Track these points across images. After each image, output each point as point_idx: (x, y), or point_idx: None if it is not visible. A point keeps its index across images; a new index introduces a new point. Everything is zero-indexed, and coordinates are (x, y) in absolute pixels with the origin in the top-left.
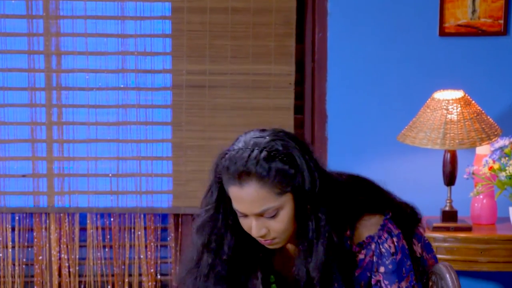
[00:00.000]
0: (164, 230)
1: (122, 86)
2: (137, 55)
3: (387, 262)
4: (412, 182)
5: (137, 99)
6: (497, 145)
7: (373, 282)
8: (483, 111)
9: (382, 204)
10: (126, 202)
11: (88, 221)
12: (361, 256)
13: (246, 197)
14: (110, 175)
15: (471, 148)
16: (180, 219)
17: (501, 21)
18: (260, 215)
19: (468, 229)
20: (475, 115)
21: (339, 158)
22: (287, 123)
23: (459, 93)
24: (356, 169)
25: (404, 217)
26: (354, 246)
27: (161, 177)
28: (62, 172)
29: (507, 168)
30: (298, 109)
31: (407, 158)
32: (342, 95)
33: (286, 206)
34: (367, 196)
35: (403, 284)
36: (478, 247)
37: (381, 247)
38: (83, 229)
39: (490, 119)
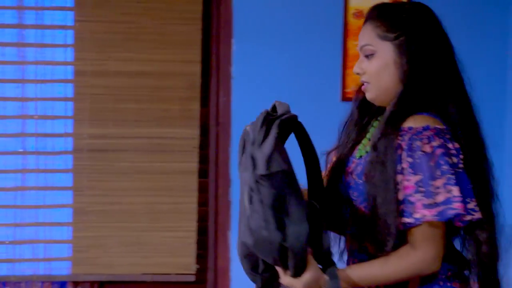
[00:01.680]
0: None
1: (21, 150)
2: (37, 118)
3: (415, 156)
4: None
5: (36, 164)
6: None
7: (400, 168)
8: None
9: (454, 125)
10: (23, 270)
11: None
12: (398, 141)
13: (361, 33)
14: (7, 242)
15: None
16: (79, 287)
17: None
18: (362, 54)
19: None
20: None
21: None
22: (191, 187)
23: None
24: None
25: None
26: (398, 129)
27: (60, 244)
28: None
29: None
30: (203, 172)
31: None
32: None
33: (382, 52)
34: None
35: (436, 182)
36: None
37: (413, 142)
38: None
39: None
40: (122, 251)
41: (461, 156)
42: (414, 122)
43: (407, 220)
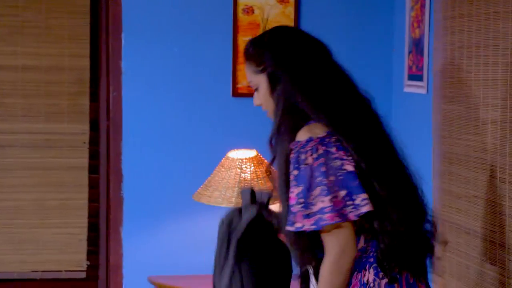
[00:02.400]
0: None
1: None
2: None
3: (300, 168)
4: (210, 241)
5: None
6: None
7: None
8: (275, 170)
9: (337, 125)
10: None
11: None
12: (290, 155)
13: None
14: None
15: None
16: None
17: None
18: (253, 88)
19: None
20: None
21: (135, 217)
22: (81, 182)
23: (252, 152)
24: (151, 229)
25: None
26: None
27: None
28: None
29: None
30: (93, 168)
31: (203, 217)
32: (138, 154)
33: (261, 84)
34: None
35: (311, 192)
36: None
37: (300, 155)
38: None
39: None
40: (10, 248)
41: (350, 157)
42: (300, 136)
43: (290, 228)
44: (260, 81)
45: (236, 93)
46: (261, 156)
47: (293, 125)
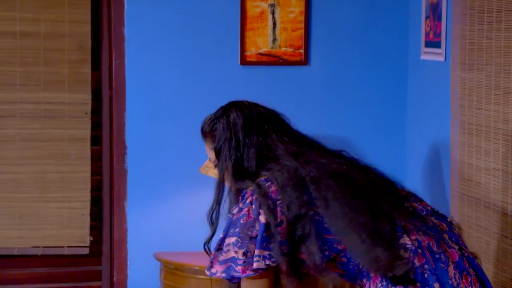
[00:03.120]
0: None
1: None
2: None
3: (229, 217)
4: None
5: None
6: None
7: None
8: None
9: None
10: None
11: None
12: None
13: None
14: None
15: None
16: None
17: (302, 51)
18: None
19: None
20: None
21: (139, 191)
22: (84, 155)
23: None
24: (156, 203)
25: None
26: None
27: None
28: None
29: None
30: (96, 139)
31: (210, 192)
32: (143, 125)
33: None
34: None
35: (227, 240)
36: None
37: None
38: None
39: None
40: (9, 223)
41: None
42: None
43: (207, 272)
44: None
45: (244, 61)
46: None
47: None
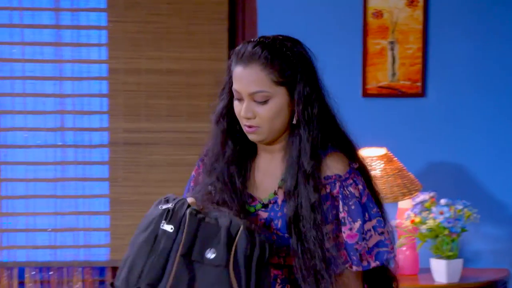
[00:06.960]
0: (102, 283)
1: (60, 143)
2: (75, 113)
3: (350, 203)
4: None
5: (75, 156)
6: (418, 200)
7: (340, 217)
8: (404, 168)
9: (353, 156)
10: (64, 256)
11: (26, 275)
12: (327, 190)
13: (247, 77)
14: (49, 229)
15: (393, 202)
16: (117, 272)
17: (419, 84)
18: (252, 98)
19: None
20: (397, 171)
21: None
22: None
23: (382, 150)
24: None
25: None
26: (322, 178)
27: (98, 231)
28: (1, 228)
29: (427, 221)
30: None
31: None
32: None
33: (277, 97)
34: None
35: (367, 225)
36: None
37: (345, 189)
38: (21, 283)
39: (411, 175)
40: None
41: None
42: (337, 168)
43: (355, 268)
44: (278, 94)
45: (365, 94)
46: (391, 154)
47: (317, 153)
